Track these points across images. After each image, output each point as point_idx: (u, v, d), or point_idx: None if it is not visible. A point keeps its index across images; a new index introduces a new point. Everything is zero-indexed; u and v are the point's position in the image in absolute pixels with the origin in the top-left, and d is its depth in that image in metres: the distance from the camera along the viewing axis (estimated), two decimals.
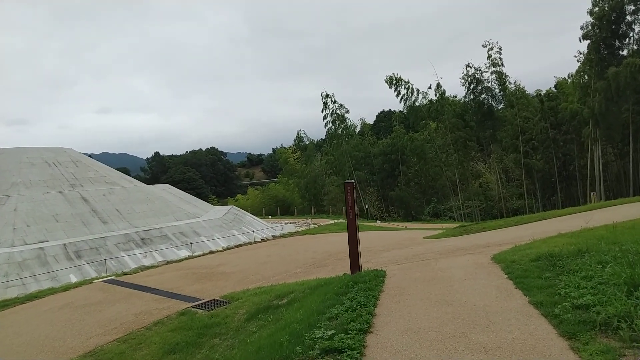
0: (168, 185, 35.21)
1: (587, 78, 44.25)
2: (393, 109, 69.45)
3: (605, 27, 39.11)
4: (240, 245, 22.53)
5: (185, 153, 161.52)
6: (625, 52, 40.34)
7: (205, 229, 25.27)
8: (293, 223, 36.06)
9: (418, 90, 53.92)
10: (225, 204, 79.59)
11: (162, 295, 11.80)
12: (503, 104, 51.88)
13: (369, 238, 22.00)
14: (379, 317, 6.31)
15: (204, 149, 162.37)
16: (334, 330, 5.46)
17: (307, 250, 17.47)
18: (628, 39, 40.29)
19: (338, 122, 57.33)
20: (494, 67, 49.70)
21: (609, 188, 46.96)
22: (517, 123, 48.07)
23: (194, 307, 10.22)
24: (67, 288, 14.33)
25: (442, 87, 52.11)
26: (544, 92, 50.84)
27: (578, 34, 41.44)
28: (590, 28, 40.34)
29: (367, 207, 53.71)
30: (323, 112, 57.79)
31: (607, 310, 5.10)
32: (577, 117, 44.64)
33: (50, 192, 24.56)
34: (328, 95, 57.24)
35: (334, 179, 59.60)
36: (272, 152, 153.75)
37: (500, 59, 49.40)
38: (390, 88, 54.89)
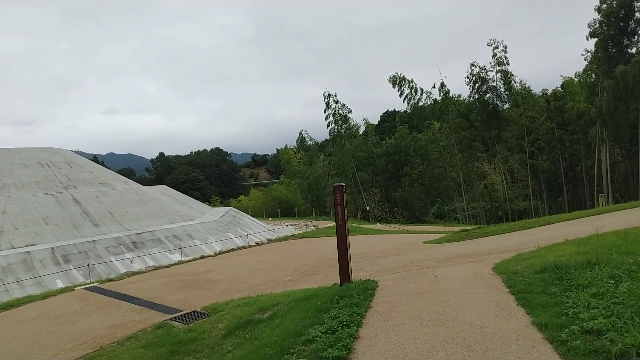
0: (165, 187, 34.55)
1: (594, 77, 43.30)
2: (398, 110, 68.67)
3: (614, 24, 38.15)
4: (234, 250, 21.83)
5: (190, 154, 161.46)
6: (634, 50, 39.33)
7: (200, 232, 24.60)
8: (293, 225, 35.38)
9: (422, 90, 53.11)
10: (228, 205, 79.23)
11: (141, 306, 11.13)
12: (508, 104, 50.95)
13: (367, 242, 21.26)
14: (362, 340, 5.58)
15: (209, 150, 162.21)
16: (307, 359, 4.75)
17: (301, 256, 16.75)
18: (637, 37, 39.27)
19: (341, 122, 56.60)
20: (499, 65, 48.87)
21: (617, 190, 45.96)
22: (522, 123, 47.15)
23: (173, 319, 9.53)
24: (46, 296, 13.68)
25: (446, 86, 51.31)
26: (550, 91, 49.84)
27: (585, 33, 40.45)
28: (598, 26, 39.38)
29: (369, 208, 52.92)
30: (325, 112, 57.13)
31: (623, 340, 4.35)
32: (584, 116, 43.68)
33: (42, 193, 23.97)
34: (330, 95, 56.57)
35: (337, 180, 58.81)
36: (276, 152, 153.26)
37: (506, 58, 48.58)
38: (394, 87, 54.13)
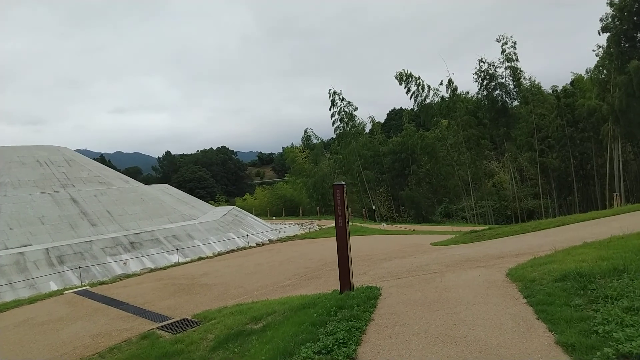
0: (166, 185, 33.98)
1: (606, 73, 42.26)
2: (405, 107, 67.64)
3: (627, 18, 37.09)
4: (233, 251, 21.11)
5: (196, 152, 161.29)
6: None
7: (200, 232, 23.95)
8: (297, 224, 34.68)
9: (429, 87, 52.17)
10: (234, 204, 78.73)
11: (130, 312, 10.48)
12: (517, 101, 49.97)
13: (371, 244, 20.49)
14: None
15: (215, 148, 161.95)
16: None
17: (302, 258, 16.05)
18: None
19: (346, 120, 55.82)
20: (508, 62, 47.84)
21: (628, 188, 44.92)
22: (532, 120, 46.16)
23: (160, 328, 8.86)
24: (34, 300, 13.07)
25: (453, 83, 50.30)
26: (560, 88, 48.78)
27: (596, 29, 39.39)
28: (610, 20, 38.33)
29: (374, 207, 52.12)
30: (331, 110, 56.39)
31: None
32: (595, 114, 42.64)
33: (39, 192, 23.42)
34: (336, 93, 55.79)
35: (343, 179, 58.10)
36: (282, 151, 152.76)
37: (515, 54, 47.56)
38: (401, 84, 53.24)
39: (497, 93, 49.02)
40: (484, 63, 48.75)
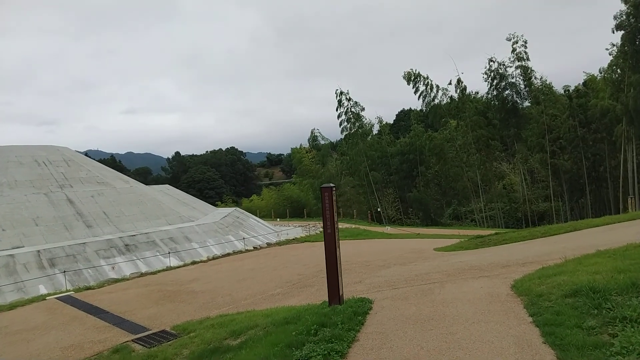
0: (167, 186, 33.42)
1: (620, 72, 41.12)
2: (414, 108, 66.53)
3: None
4: (229, 255, 20.45)
5: (205, 153, 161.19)
6: None
7: (198, 234, 23.29)
8: (301, 226, 33.98)
9: (437, 87, 51.26)
10: (240, 205, 78.25)
11: (108, 322, 9.84)
12: (528, 101, 48.89)
13: (372, 249, 19.73)
14: None
15: (224, 149, 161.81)
16: None
17: (297, 263, 15.32)
18: None
19: (353, 120, 55.05)
20: (519, 61, 46.89)
21: None
22: (543, 121, 45.07)
23: (135, 340, 8.21)
24: (14, 306, 12.47)
25: (462, 82, 49.36)
26: (573, 88, 47.60)
27: (609, 30, 38.30)
28: (625, 18, 37.22)
29: (379, 209, 51.27)
30: (338, 110, 55.66)
31: None
32: (608, 114, 41.50)
33: (35, 193, 22.92)
34: (343, 93, 55.03)
35: (350, 180, 57.38)
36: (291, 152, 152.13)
37: (526, 53, 46.57)
38: (409, 84, 52.40)
39: (507, 93, 48.05)
40: (494, 62, 47.85)
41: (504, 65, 47.63)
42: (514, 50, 46.75)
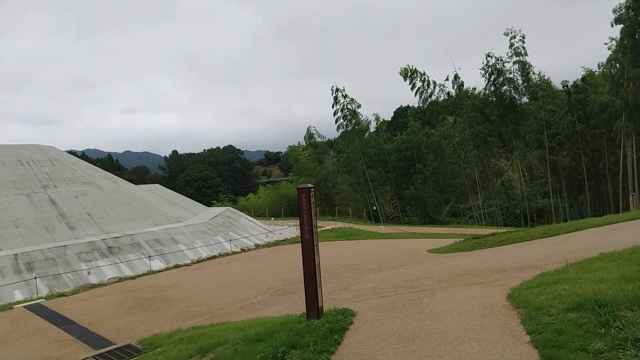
0: (156, 186, 32.63)
1: (619, 67, 40.43)
2: (411, 105, 65.62)
3: None
4: (215, 257, 19.73)
5: (203, 151, 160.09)
6: None
7: (186, 236, 22.54)
8: (295, 226, 33.16)
9: (434, 83, 50.48)
10: (237, 203, 77.55)
11: (72, 334, 9.16)
12: (526, 97, 48.17)
13: (364, 250, 19.01)
14: None
15: (222, 147, 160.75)
16: None
17: (283, 267, 14.60)
18: None
19: (349, 117, 54.28)
20: (517, 56, 46.12)
21: None
22: (541, 117, 44.36)
23: (96, 357, 7.53)
24: None
25: (460, 78, 48.58)
26: (571, 83, 46.87)
27: (607, 26, 37.58)
28: (624, 11, 36.50)
29: (375, 207, 50.55)
30: (334, 107, 54.89)
31: None
32: (607, 109, 40.83)
33: (17, 193, 22.16)
34: (338, 90, 54.23)
35: (346, 178, 56.68)
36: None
37: (524, 48, 45.80)
38: (405, 80, 51.61)
39: (505, 89, 47.34)
40: (492, 58, 47.10)
41: (502, 61, 46.93)
42: (512, 46, 46.04)
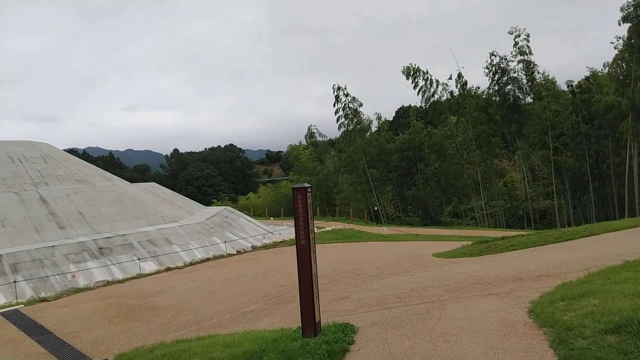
0: (153, 184, 31.80)
1: (625, 67, 39.67)
2: (414, 105, 64.75)
3: None
4: (208, 260, 18.89)
5: (204, 150, 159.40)
6: None
7: (180, 236, 21.73)
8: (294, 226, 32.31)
9: (437, 82, 49.70)
10: (237, 202, 76.81)
11: (45, 346, 8.39)
12: (530, 97, 47.38)
13: (365, 253, 18.23)
14: None
15: (223, 146, 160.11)
16: None
17: (280, 271, 13.82)
18: None
19: (351, 116, 53.54)
20: (521, 55, 45.34)
21: None
22: (546, 117, 43.59)
23: None
24: None
25: (463, 77, 47.81)
26: (576, 83, 46.07)
27: (613, 26, 36.81)
28: (632, 9, 35.77)
29: (377, 208, 49.80)
30: (335, 105, 54.15)
31: None
32: (613, 110, 40.10)
33: (6, 191, 21.35)
34: (340, 88, 53.47)
35: (347, 177, 55.93)
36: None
37: (528, 47, 45.09)
38: (408, 79, 50.87)
39: (509, 88, 46.59)
40: (496, 56, 46.36)
41: (506, 60, 46.20)
42: (516, 44, 45.30)
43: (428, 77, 49.92)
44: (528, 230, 40.02)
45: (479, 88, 52.15)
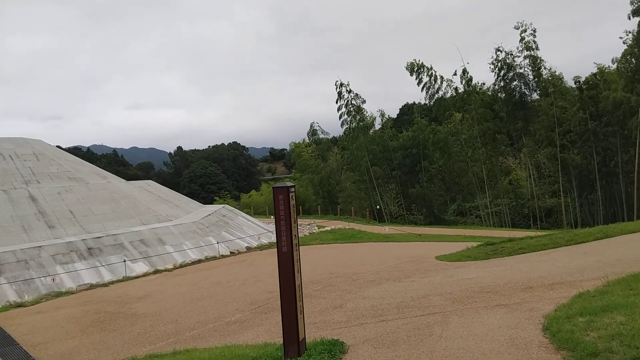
0: (149, 182, 31.09)
1: (635, 62, 38.67)
2: (418, 102, 63.82)
3: None
4: (199, 262, 18.10)
5: (208, 148, 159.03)
6: None
7: (174, 236, 20.97)
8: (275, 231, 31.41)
9: (442, 78, 48.79)
10: (239, 200, 76.17)
11: None
12: (537, 93, 46.42)
13: (365, 254, 17.44)
14: None
15: (227, 144, 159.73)
16: None
17: (271, 275, 13.02)
18: None
19: (354, 113, 52.75)
20: (528, 50, 44.33)
21: None
22: (552, 113, 42.62)
23: None
24: None
25: (468, 73, 46.85)
26: (583, 79, 45.07)
27: (617, 24, 35.82)
28: None
29: (379, 207, 48.99)
30: (337, 102, 53.36)
31: None
32: (621, 106, 39.12)
33: None
34: (343, 84, 52.66)
35: (350, 175, 55.17)
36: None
37: (535, 42, 44.00)
38: (412, 75, 49.99)
39: (515, 84, 45.69)
40: (501, 52, 45.39)
41: (512, 55, 45.23)
42: (523, 39, 44.28)
43: (432, 73, 49.06)
44: (534, 230, 39.20)
45: (484, 84, 51.23)
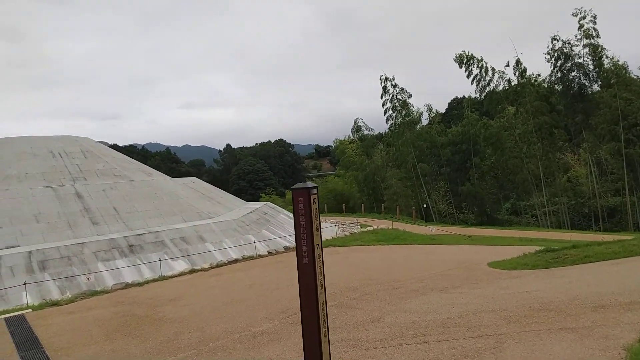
0: (193, 179, 31.06)
1: None
2: (468, 96, 61.42)
3: None
4: (236, 262, 17.42)
5: (255, 145, 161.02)
6: None
7: (215, 234, 20.60)
8: (339, 223, 30.83)
9: (493, 70, 46.51)
10: (284, 197, 76.26)
11: None
12: (598, 84, 43.39)
13: (408, 259, 16.27)
14: None
15: (273, 141, 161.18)
16: None
17: None
18: None
19: (399, 108, 51.28)
20: (587, 39, 41.41)
21: None
22: (616, 106, 39.66)
23: None
24: None
25: (522, 64, 44.43)
26: None
27: None
28: None
29: (425, 205, 47.36)
30: (382, 97, 52.08)
31: None
32: None
33: (44, 186, 21.02)
34: (388, 79, 51.28)
35: (396, 172, 53.74)
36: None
37: (595, 29, 41.00)
38: (461, 68, 47.99)
39: (573, 75, 42.83)
40: (558, 41, 42.67)
41: (570, 44, 42.40)
42: (581, 27, 41.41)
43: (483, 64, 46.86)
44: (595, 231, 36.63)
45: (540, 76, 48.44)
